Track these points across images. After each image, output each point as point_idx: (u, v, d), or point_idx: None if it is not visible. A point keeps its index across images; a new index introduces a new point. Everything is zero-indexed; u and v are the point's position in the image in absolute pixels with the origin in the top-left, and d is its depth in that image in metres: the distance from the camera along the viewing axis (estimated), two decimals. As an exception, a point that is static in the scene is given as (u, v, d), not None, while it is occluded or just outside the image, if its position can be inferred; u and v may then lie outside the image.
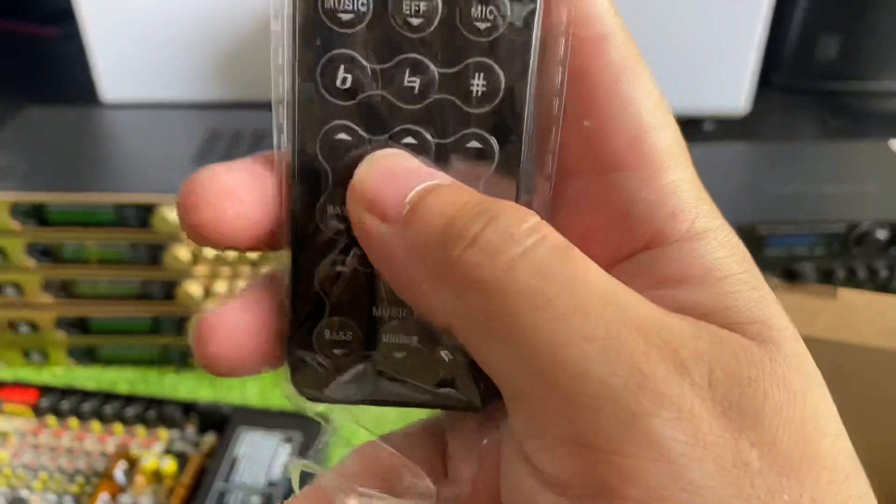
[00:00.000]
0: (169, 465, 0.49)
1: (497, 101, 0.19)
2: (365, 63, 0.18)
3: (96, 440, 0.52)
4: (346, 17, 0.18)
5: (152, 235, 0.54)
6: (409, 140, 0.19)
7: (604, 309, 0.15)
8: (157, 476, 0.49)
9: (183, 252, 0.54)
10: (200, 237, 0.19)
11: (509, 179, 0.19)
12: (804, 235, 0.55)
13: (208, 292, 0.56)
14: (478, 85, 0.18)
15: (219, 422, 0.52)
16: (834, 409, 0.16)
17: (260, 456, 0.49)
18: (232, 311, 0.19)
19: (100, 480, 0.48)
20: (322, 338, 0.20)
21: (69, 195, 0.53)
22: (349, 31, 0.18)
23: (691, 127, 0.77)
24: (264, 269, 0.21)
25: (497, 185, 0.19)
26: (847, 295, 0.40)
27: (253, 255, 0.55)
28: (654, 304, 0.16)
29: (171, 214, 0.53)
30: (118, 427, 0.52)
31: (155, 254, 0.54)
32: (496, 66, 0.18)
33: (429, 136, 0.19)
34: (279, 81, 0.19)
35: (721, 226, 0.18)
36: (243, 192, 0.19)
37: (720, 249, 0.18)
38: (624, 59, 0.19)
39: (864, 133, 0.81)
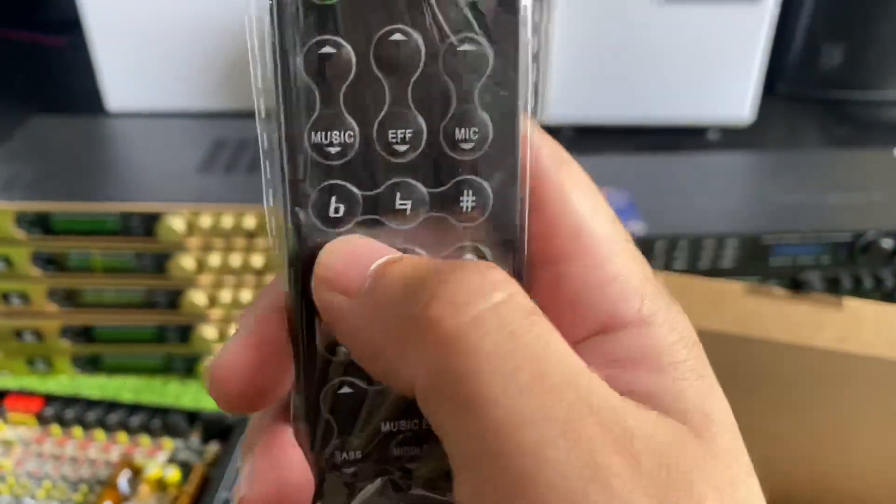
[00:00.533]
0: (173, 474, 0.49)
1: (488, 213, 0.19)
2: (356, 191, 0.19)
3: (100, 449, 0.52)
4: (333, 150, 0.18)
5: (157, 244, 0.54)
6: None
7: (566, 389, 0.15)
8: (160, 485, 0.49)
9: (187, 261, 0.54)
10: (235, 411, 0.20)
11: None
12: (809, 245, 0.54)
13: (213, 301, 0.56)
14: (468, 201, 0.19)
15: (223, 431, 0.52)
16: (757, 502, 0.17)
17: (264, 465, 0.49)
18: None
19: (103, 489, 0.48)
20: (334, 459, 0.20)
21: (74, 204, 0.53)
22: (336, 162, 0.18)
23: (696, 136, 0.77)
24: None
25: None
26: (853, 305, 0.40)
27: (257, 264, 0.55)
28: (612, 391, 0.16)
29: (175, 223, 0.53)
30: (122, 436, 0.52)
31: (160, 262, 0.55)
32: (483, 183, 0.19)
33: (423, 252, 0.19)
34: (269, 197, 0.19)
35: (668, 306, 0.19)
36: (248, 373, 0.19)
37: (670, 334, 0.18)
38: (557, 161, 0.20)
39: (868, 142, 0.80)
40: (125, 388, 0.59)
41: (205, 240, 0.54)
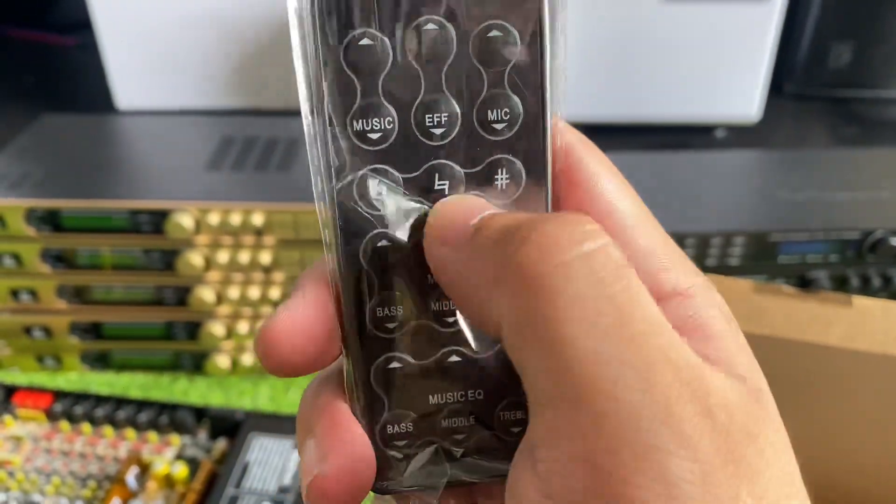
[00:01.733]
0: (181, 470, 0.49)
1: (521, 190, 0.20)
2: (397, 174, 0.20)
3: (109, 445, 0.52)
4: (374, 136, 0.19)
5: (166, 241, 0.54)
6: None
7: (647, 338, 0.16)
8: (168, 481, 0.49)
9: (196, 258, 0.54)
10: (281, 373, 0.20)
11: None
12: (818, 243, 0.54)
13: (221, 298, 0.56)
14: (502, 179, 0.20)
15: (230, 427, 0.52)
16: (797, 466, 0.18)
17: (271, 461, 0.49)
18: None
19: (112, 485, 0.49)
20: (385, 432, 0.21)
21: (84, 201, 0.54)
22: (377, 147, 0.20)
23: (704, 134, 0.77)
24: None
25: None
26: (862, 303, 0.40)
27: (265, 261, 0.55)
28: (690, 349, 0.17)
29: (184, 221, 0.53)
30: (130, 432, 0.52)
31: (168, 260, 0.55)
32: (516, 161, 0.20)
33: None
34: (318, 183, 0.20)
35: (703, 282, 0.20)
36: (299, 333, 0.20)
37: (710, 307, 0.19)
38: (584, 145, 0.21)
39: (876, 140, 0.80)
40: (134, 384, 0.59)
41: (213, 237, 0.54)
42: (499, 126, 0.20)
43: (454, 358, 0.21)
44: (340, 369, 0.21)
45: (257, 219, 0.53)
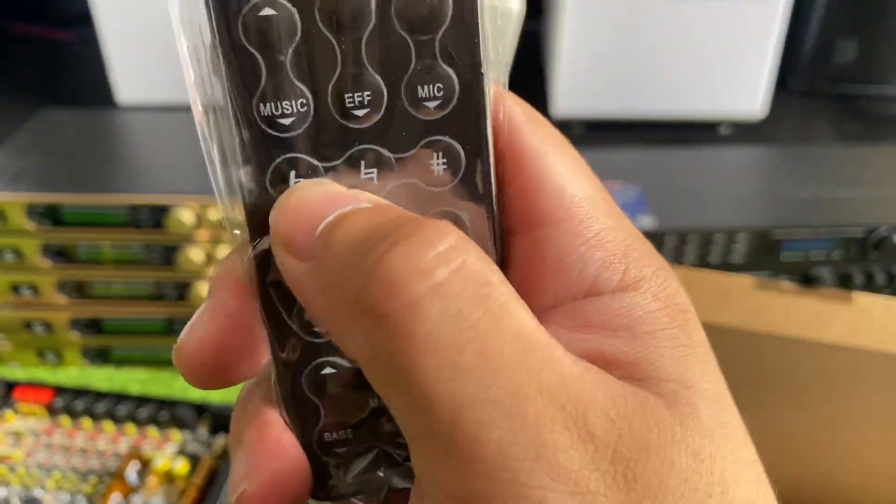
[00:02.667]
0: (181, 465, 0.49)
1: (461, 175, 0.18)
2: (317, 163, 0.17)
3: (109, 440, 0.52)
4: (286, 121, 0.17)
5: (166, 236, 0.54)
6: None
7: (515, 368, 0.14)
8: (168, 477, 0.49)
9: (196, 253, 0.54)
10: (207, 388, 0.19)
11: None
12: (821, 240, 0.54)
13: (221, 294, 0.56)
14: (437, 163, 0.18)
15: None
16: (749, 475, 0.16)
17: (271, 457, 0.49)
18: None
19: (112, 480, 0.49)
20: (323, 440, 0.19)
21: (84, 196, 0.54)
22: (291, 133, 0.17)
23: (708, 130, 0.76)
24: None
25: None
26: (862, 299, 0.39)
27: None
28: (574, 358, 0.15)
29: (184, 216, 0.53)
30: (131, 427, 0.52)
31: (168, 255, 0.55)
32: (453, 142, 0.18)
33: None
34: (218, 178, 0.17)
35: (655, 272, 0.18)
36: (215, 347, 0.18)
37: (653, 302, 0.17)
38: (533, 121, 0.19)
39: (881, 137, 0.80)
40: (134, 379, 0.59)
41: (213, 232, 0.54)
42: (431, 104, 0.17)
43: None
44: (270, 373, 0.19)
45: (258, 214, 0.53)
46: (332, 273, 0.16)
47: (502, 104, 0.18)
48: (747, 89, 0.76)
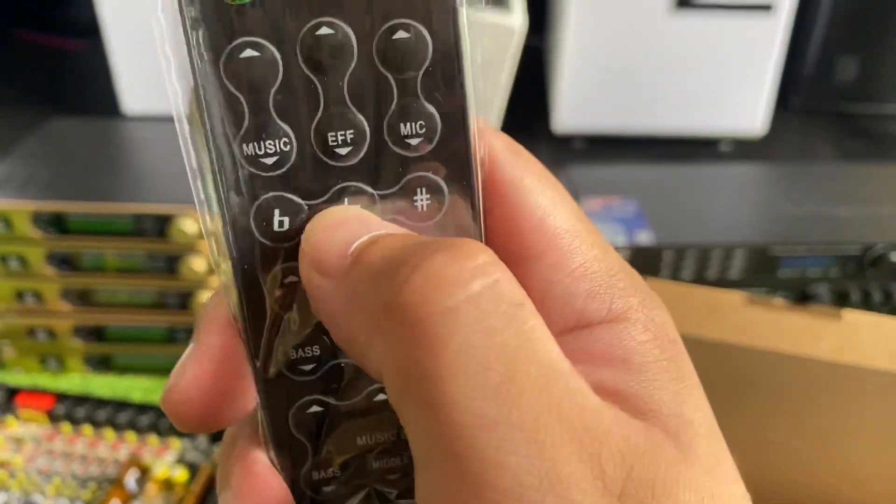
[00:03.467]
0: (180, 474, 0.49)
1: (444, 211, 0.18)
2: (300, 201, 0.17)
3: (109, 447, 0.52)
4: (269, 160, 0.17)
5: (169, 246, 0.55)
6: None
7: (538, 393, 0.14)
8: (168, 485, 0.49)
9: (199, 263, 0.55)
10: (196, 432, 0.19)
11: None
12: (818, 257, 0.54)
13: (223, 303, 0.57)
14: (421, 199, 0.18)
15: (230, 432, 0.52)
16: None
17: (270, 467, 0.49)
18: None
19: (111, 488, 0.49)
20: (311, 479, 0.19)
21: (89, 205, 0.54)
22: (275, 173, 0.17)
23: (708, 147, 0.77)
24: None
25: None
26: (852, 317, 0.40)
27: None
28: (590, 392, 0.15)
29: (187, 225, 0.53)
30: (131, 435, 0.53)
31: (172, 264, 0.55)
32: (437, 179, 0.18)
33: None
34: (205, 216, 0.17)
35: (641, 302, 0.18)
36: (202, 392, 0.18)
37: (642, 333, 0.17)
38: (513, 154, 0.18)
39: (880, 155, 0.80)
40: (135, 387, 0.60)
41: (216, 242, 0.55)
42: (414, 141, 0.17)
43: (382, 396, 0.18)
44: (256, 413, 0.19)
45: (260, 225, 0.54)
46: (363, 284, 0.16)
47: (484, 139, 0.18)
48: (748, 106, 0.76)
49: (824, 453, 0.40)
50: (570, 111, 0.74)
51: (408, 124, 0.17)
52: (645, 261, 0.51)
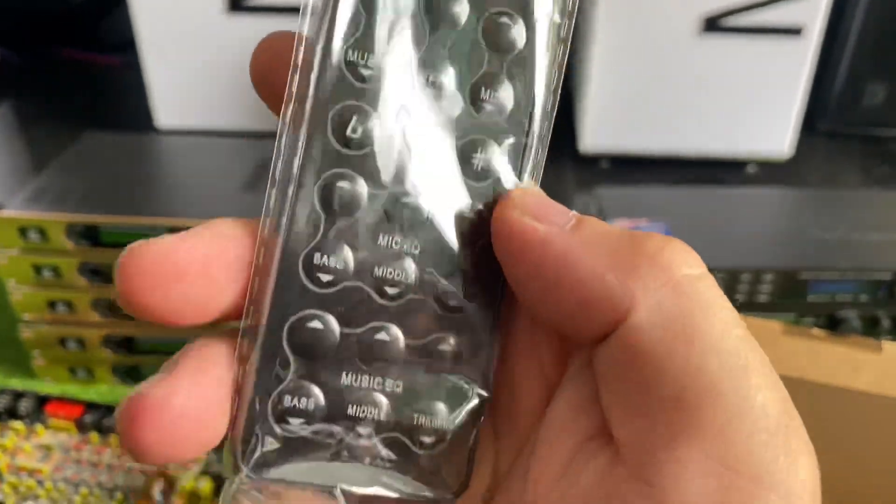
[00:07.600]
0: (205, 485, 0.50)
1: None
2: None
3: (136, 458, 0.52)
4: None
5: (200, 259, 0.55)
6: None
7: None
8: (194, 496, 0.50)
9: (228, 277, 0.55)
10: (138, 313, 0.18)
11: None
12: (848, 282, 0.54)
13: (251, 317, 0.57)
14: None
15: (256, 445, 0.53)
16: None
17: (295, 481, 0.49)
18: (178, 392, 0.18)
19: (138, 499, 0.49)
20: (281, 404, 0.18)
21: (122, 218, 0.55)
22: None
23: (735, 169, 0.77)
24: (200, 339, 0.19)
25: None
26: (892, 348, 0.39)
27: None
28: None
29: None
30: (158, 446, 0.53)
31: (201, 277, 0.56)
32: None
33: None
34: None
35: None
36: (195, 271, 0.18)
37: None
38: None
39: (910, 181, 0.79)
40: (162, 399, 0.60)
41: (246, 257, 0.55)
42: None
43: (381, 336, 0.19)
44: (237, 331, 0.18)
45: (290, 240, 0.54)
46: (608, 236, 0.18)
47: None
48: (776, 129, 0.76)
49: (863, 484, 0.40)
50: (596, 131, 0.74)
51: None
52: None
